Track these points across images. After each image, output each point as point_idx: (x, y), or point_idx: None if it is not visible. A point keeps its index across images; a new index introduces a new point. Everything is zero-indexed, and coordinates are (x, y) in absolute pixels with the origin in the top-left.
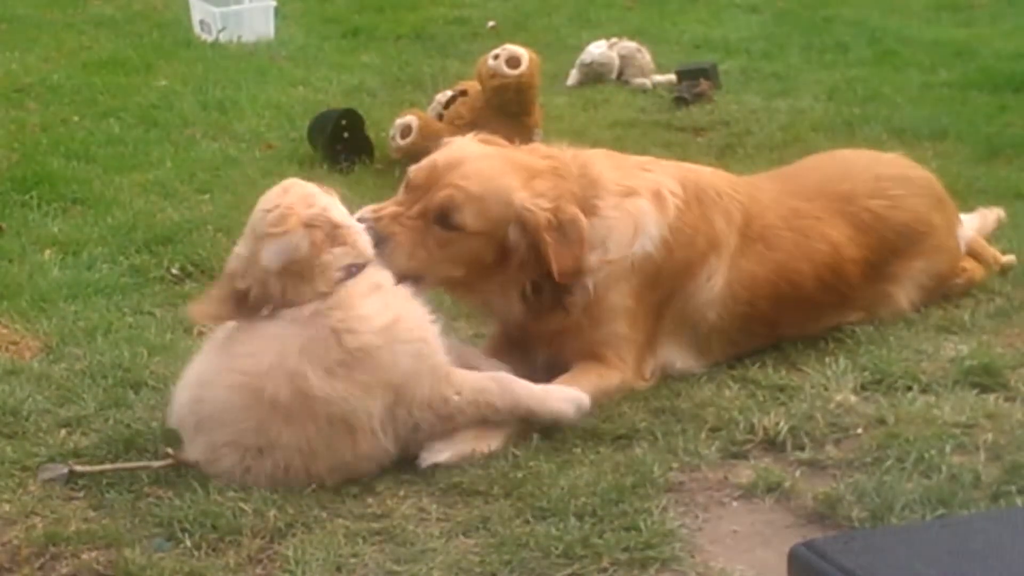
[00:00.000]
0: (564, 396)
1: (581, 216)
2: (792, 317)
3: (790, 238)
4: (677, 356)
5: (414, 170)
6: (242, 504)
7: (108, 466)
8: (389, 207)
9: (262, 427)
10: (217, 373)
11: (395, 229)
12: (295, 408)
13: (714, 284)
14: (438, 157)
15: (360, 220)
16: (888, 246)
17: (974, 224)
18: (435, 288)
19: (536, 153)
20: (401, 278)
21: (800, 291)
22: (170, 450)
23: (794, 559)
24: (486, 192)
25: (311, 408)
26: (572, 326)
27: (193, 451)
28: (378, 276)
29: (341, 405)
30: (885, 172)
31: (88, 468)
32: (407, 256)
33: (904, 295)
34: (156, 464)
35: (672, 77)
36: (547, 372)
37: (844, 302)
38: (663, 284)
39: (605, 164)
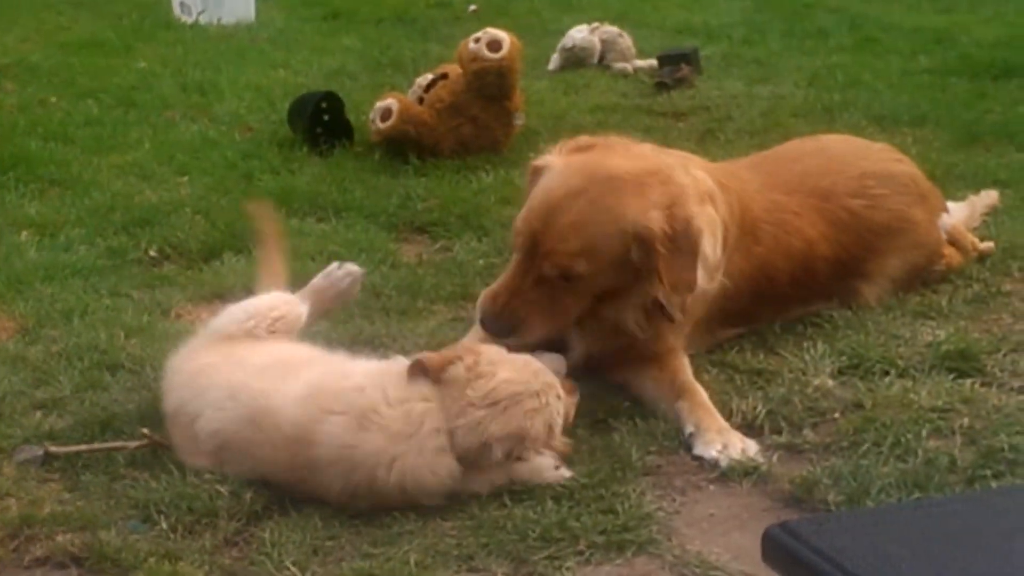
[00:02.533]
0: None
1: (696, 220)
2: (764, 310)
3: (771, 232)
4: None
5: (516, 229)
6: (218, 486)
7: (84, 447)
8: (504, 283)
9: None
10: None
11: (523, 311)
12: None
13: (717, 279)
14: (531, 210)
15: (483, 313)
16: (863, 245)
17: (963, 214)
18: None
19: (631, 153)
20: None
21: (775, 286)
22: (146, 431)
23: (768, 540)
24: (593, 235)
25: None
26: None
27: (199, 450)
28: None
29: None
30: (869, 168)
31: (64, 449)
32: (545, 328)
33: (873, 292)
34: (132, 444)
35: (653, 62)
36: (585, 365)
37: (811, 296)
38: (709, 279)
39: (673, 164)
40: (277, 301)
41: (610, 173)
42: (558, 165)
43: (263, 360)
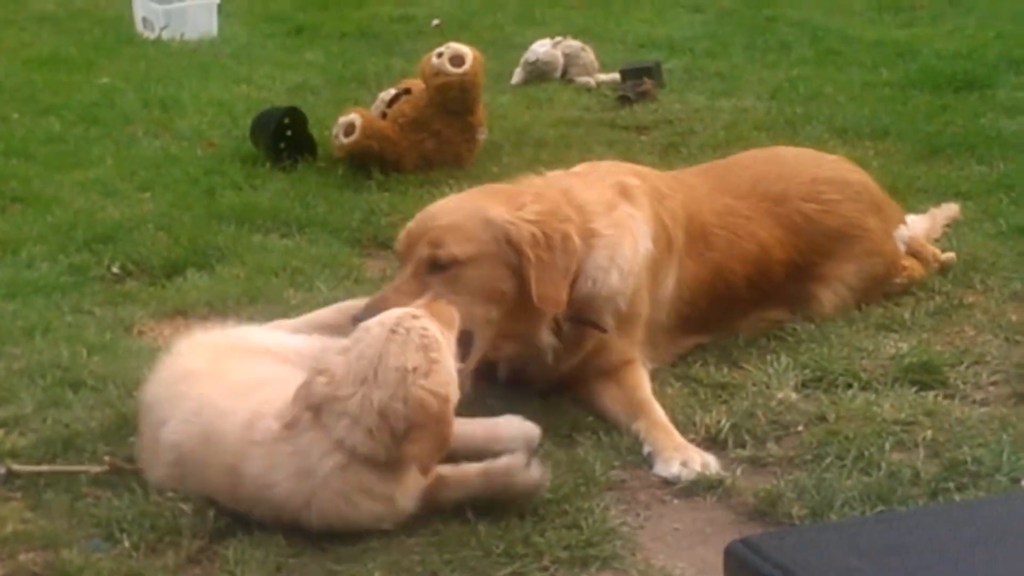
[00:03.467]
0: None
1: (573, 235)
2: (722, 315)
3: (724, 236)
4: (643, 358)
5: (397, 245)
6: (181, 504)
7: (46, 467)
8: (386, 288)
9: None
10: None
11: (396, 298)
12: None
13: (668, 285)
14: (410, 222)
15: (366, 314)
16: (817, 249)
17: (923, 225)
18: (486, 345)
19: (517, 185)
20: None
21: (733, 290)
22: (107, 458)
23: (730, 555)
24: (460, 219)
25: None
26: (599, 346)
27: (160, 459)
28: None
29: None
30: (823, 175)
31: (27, 468)
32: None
33: (830, 297)
34: (95, 469)
35: (616, 76)
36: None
37: (767, 300)
38: (653, 279)
39: (575, 183)
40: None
41: (488, 187)
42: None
43: (241, 377)
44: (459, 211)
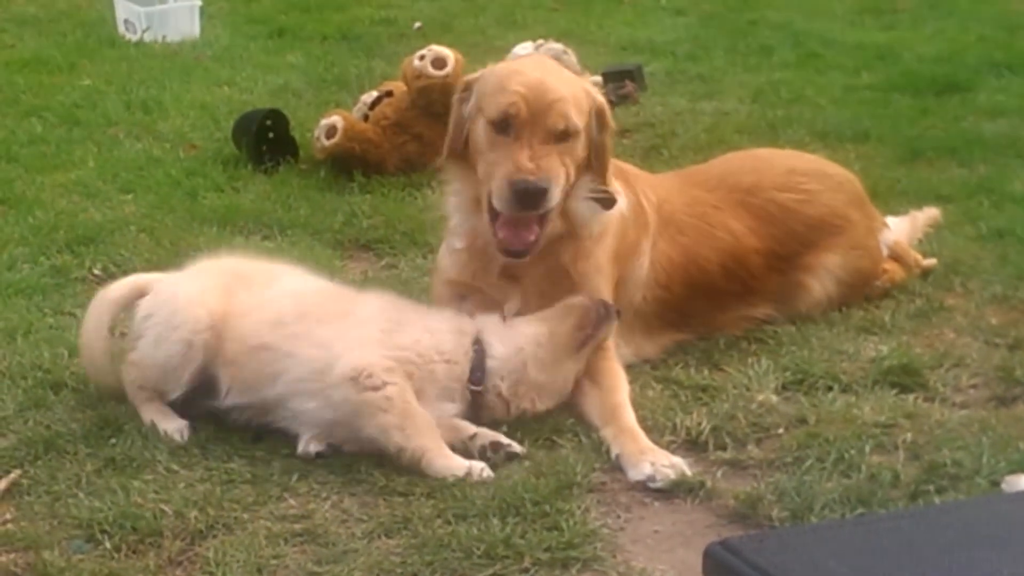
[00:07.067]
0: None
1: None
2: (701, 305)
3: (694, 225)
4: (619, 342)
5: (510, 110)
6: (163, 505)
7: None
8: (517, 155)
9: None
10: None
11: (548, 167)
12: None
13: (643, 264)
14: (507, 90)
15: (516, 184)
16: (798, 238)
17: (903, 228)
18: None
19: None
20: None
21: (708, 278)
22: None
23: (709, 558)
24: (574, 91)
25: None
26: (557, 275)
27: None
28: None
29: None
30: (800, 167)
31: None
32: (560, 188)
33: (819, 286)
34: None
35: (598, 78)
36: None
37: (750, 292)
38: (621, 259)
39: None
40: None
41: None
42: (498, 65)
43: None
44: (569, 83)
